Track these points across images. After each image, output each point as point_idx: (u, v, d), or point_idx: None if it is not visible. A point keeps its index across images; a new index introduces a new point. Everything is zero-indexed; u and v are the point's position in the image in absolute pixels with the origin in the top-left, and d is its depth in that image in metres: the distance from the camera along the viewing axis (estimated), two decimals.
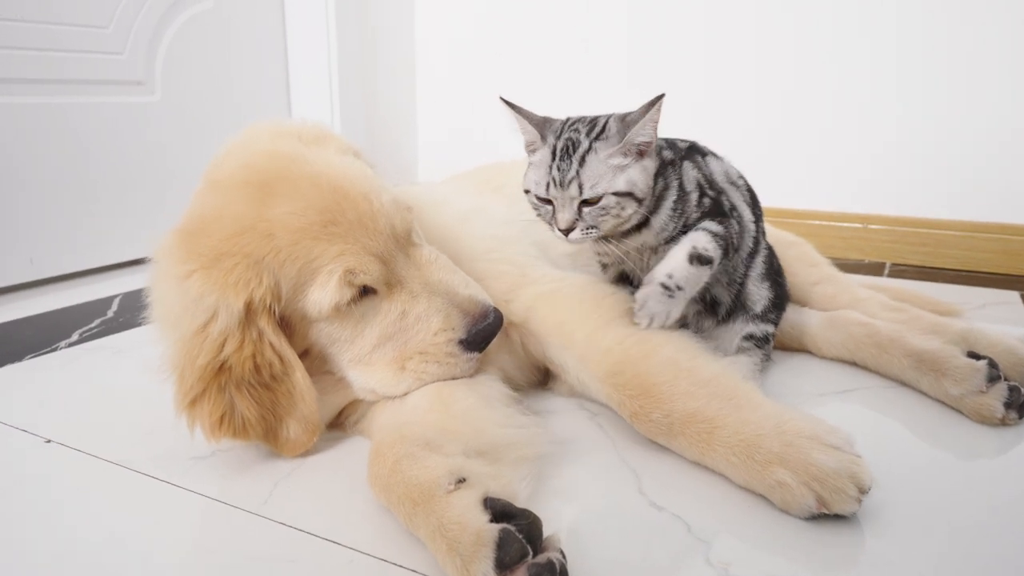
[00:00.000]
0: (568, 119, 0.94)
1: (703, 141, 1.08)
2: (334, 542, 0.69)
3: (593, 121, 0.91)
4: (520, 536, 0.58)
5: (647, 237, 0.96)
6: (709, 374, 0.84)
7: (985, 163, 1.82)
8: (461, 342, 0.88)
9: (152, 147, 1.92)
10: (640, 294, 0.92)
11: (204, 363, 0.78)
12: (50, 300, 1.60)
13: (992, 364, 0.93)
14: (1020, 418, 0.92)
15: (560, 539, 0.61)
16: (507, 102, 0.94)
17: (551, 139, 0.91)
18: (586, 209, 0.88)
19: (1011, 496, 0.77)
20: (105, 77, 1.80)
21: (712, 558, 0.66)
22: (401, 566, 0.66)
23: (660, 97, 0.87)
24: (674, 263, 0.91)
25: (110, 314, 1.49)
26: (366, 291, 0.86)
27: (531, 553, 0.58)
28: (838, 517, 0.71)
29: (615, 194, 0.88)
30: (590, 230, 0.89)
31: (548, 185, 0.89)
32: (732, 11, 2.01)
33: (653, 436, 0.84)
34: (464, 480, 0.66)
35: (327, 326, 0.86)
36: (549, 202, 0.91)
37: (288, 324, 0.85)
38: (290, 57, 2.29)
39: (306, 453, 0.87)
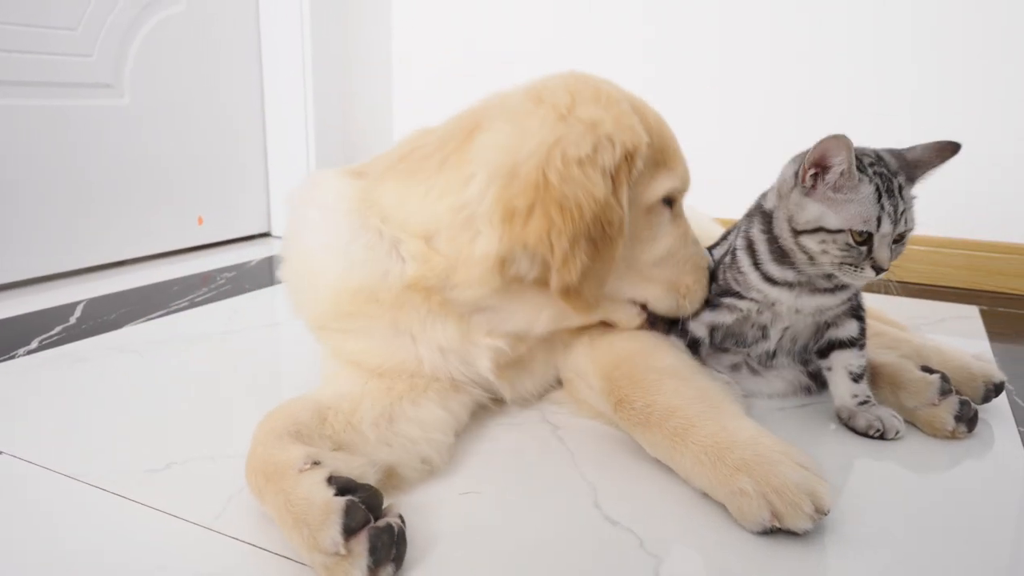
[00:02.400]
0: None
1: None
2: (287, 558, 0.69)
3: (874, 154, 0.90)
4: (363, 506, 0.64)
5: (837, 300, 0.97)
6: (703, 384, 0.87)
7: (949, 180, 1.85)
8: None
9: (119, 151, 1.89)
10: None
11: (589, 198, 0.79)
12: (9, 306, 1.57)
13: (944, 378, 0.96)
14: (970, 432, 0.94)
15: (398, 509, 0.67)
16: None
17: (860, 175, 0.87)
18: (893, 246, 0.89)
19: (961, 509, 0.79)
20: (72, 80, 1.78)
21: (662, 573, 0.67)
22: None
23: (957, 147, 0.90)
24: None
25: (72, 321, 1.47)
26: (669, 203, 0.96)
27: (372, 519, 0.64)
28: (793, 535, 0.71)
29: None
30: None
31: (879, 221, 0.86)
32: (736, 18, 2.03)
33: (630, 427, 0.86)
34: (318, 463, 0.70)
35: (640, 219, 0.92)
36: (864, 242, 0.88)
37: None
38: (264, 61, 2.28)
39: None
